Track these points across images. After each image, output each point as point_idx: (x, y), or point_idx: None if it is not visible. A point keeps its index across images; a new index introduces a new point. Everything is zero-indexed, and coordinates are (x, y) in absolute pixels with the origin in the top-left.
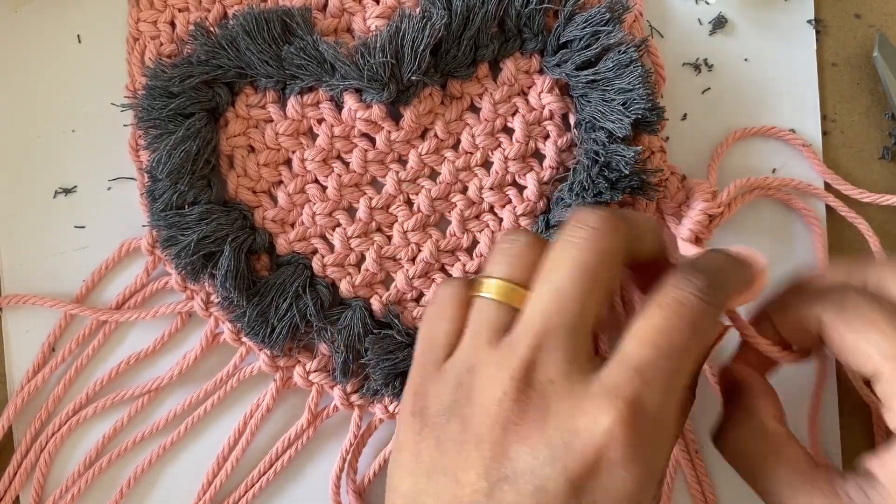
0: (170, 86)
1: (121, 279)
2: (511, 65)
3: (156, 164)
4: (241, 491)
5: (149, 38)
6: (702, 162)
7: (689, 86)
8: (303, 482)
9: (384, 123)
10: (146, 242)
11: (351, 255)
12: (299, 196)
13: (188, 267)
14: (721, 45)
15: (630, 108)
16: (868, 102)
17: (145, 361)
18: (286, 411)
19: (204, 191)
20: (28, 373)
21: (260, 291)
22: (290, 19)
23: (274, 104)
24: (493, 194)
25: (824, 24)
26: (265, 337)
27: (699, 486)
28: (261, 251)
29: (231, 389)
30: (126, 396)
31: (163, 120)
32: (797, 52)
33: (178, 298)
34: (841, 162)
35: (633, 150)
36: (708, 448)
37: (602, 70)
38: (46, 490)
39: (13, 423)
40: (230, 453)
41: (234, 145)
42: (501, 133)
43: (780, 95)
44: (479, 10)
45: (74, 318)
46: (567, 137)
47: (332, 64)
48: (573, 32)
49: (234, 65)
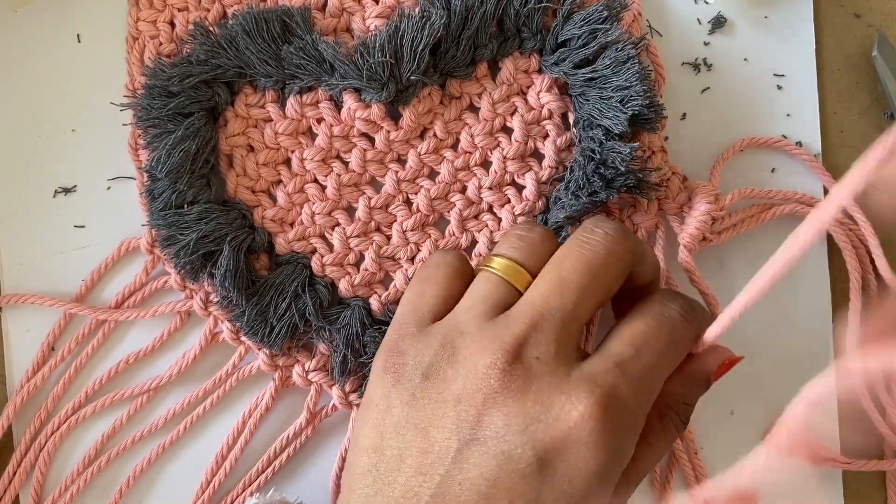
0: (169, 85)
1: (120, 278)
2: (510, 64)
3: (155, 163)
4: (240, 489)
5: (148, 38)
6: (701, 162)
7: (688, 86)
8: (301, 481)
9: (383, 123)
10: (145, 242)
11: (350, 255)
12: (298, 195)
13: (187, 266)
14: (721, 45)
15: (627, 105)
16: (867, 102)
17: (144, 360)
18: (285, 410)
19: (203, 190)
20: (27, 372)
21: (259, 291)
22: (290, 19)
23: (273, 104)
24: (492, 194)
25: (824, 24)
26: (264, 336)
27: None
28: (260, 250)
29: (230, 389)
30: (125, 395)
31: (162, 119)
32: (797, 51)
33: (178, 298)
34: (840, 162)
35: (629, 147)
36: (707, 448)
37: (600, 68)
38: (46, 489)
39: (13, 423)
40: (229, 452)
41: (233, 145)
42: (500, 133)
43: (780, 95)
44: (477, 10)
45: (74, 318)
46: (566, 137)
47: (332, 63)
48: (571, 31)
49: (233, 64)
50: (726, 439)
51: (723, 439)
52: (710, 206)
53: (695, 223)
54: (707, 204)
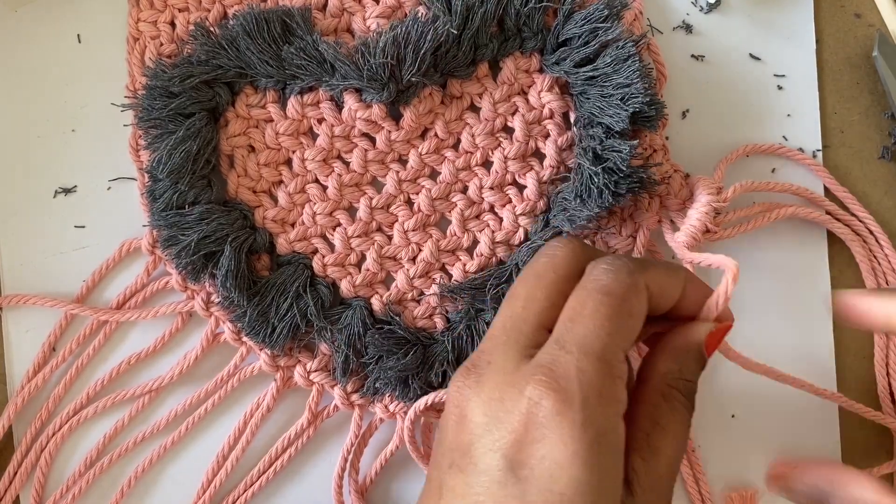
0: (170, 86)
1: (121, 279)
2: (511, 64)
3: (156, 163)
4: (241, 490)
5: (149, 38)
6: (702, 161)
7: (688, 85)
8: (302, 482)
9: (384, 123)
10: (146, 242)
11: (351, 255)
12: (300, 196)
13: (189, 267)
14: (721, 45)
15: (628, 102)
16: (868, 102)
17: (146, 361)
18: (286, 411)
19: (204, 191)
20: (28, 372)
21: (260, 291)
22: (290, 19)
23: (274, 104)
24: (493, 194)
25: (824, 24)
26: (266, 337)
27: (696, 485)
28: (261, 251)
29: (231, 389)
30: (126, 396)
31: (163, 120)
32: (797, 51)
33: (179, 298)
34: (840, 162)
35: (628, 145)
36: (705, 448)
37: (600, 66)
38: (47, 490)
39: (13, 423)
40: (230, 453)
41: (234, 145)
42: (501, 132)
43: (780, 95)
44: (478, 10)
45: (75, 318)
46: (567, 136)
47: (332, 64)
48: (572, 30)
49: (234, 65)
50: (727, 440)
51: (723, 440)
52: (712, 196)
53: (697, 214)
54: (709, 195)
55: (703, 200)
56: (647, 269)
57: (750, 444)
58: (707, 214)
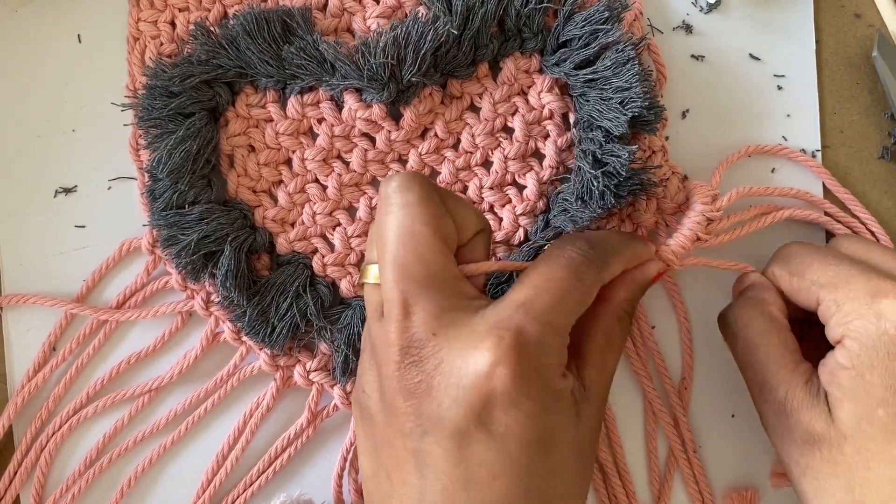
0: (170, 85)
1: (121, 279)
2: (511, 64)
3: (156, 163)
4: (241, 489)
5: (149, 38)
6: (701, 161)
7: (688, 85)
8: (302, 481)
9: (384, 123)
10: (146, 242)
11: (351, 255)
12: (299, 195)
13: (188, 266)
14: (721, 45)
15: (627, 106)
16: (867, 102)
17: (146, 361)
18: (286, 410)
19: (204, 190)
20: (28, 372)
21: (260, 291)
22: (291, 19)
23: (274, 104)
24: (493, 194)
25: (824, 24)
26: (265, 336)
27: (696, 485)
28: (261, 251)
29: (231, 389)
30: (126, 396)
31: (163, 119)
32: (797, 51)
33: (179, 298)
34: (840, 161)
35: (627, 150)
36: (705, 448)
37: (600, 68)
38: (47, 489)
39: (13, 423)
40: (230, 452)
41: (234, 145)
42: (501, 132)
43: (780, 95)
44: (478, 10)
45: (75, 318)
46: (567, 137)
47: (333, 63)
48: (572, 31)
49: (234, 64)
50: (727, 440)
51: (723, 440)
52: (706, 206)
53: (689, 223)
54: (702, 204)
55: (697, 210)
56: (607, 253)
57: (750, 444)
58: (699, 224)
